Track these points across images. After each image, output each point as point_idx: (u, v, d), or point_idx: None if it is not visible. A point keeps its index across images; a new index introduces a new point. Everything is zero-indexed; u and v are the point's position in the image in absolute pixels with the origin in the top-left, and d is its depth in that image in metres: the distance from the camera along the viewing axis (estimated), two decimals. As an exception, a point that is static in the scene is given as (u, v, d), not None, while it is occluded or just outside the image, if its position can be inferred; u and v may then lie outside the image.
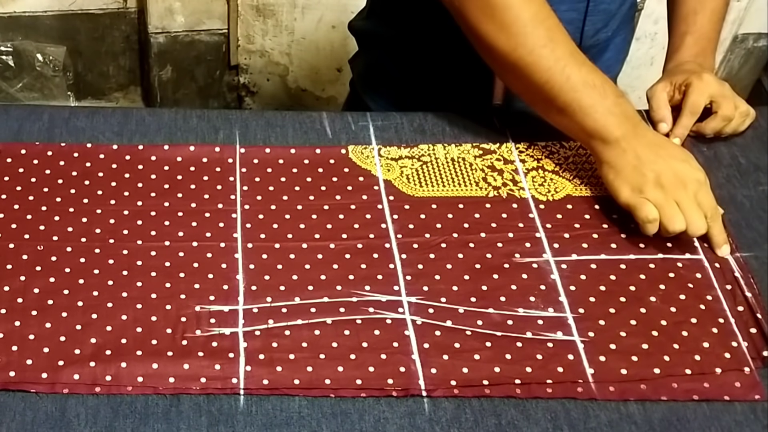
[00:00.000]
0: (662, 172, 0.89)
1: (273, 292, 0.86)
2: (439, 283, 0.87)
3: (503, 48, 0.92)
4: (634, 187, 0.90)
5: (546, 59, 0.91)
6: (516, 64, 0.92)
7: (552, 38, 0.91)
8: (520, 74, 0.93)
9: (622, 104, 0.92)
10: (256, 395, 0.78)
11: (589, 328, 0.84)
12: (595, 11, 1.06)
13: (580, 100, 0.91)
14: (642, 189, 0.89)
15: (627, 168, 0.90)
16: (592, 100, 0.91)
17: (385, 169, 0.98)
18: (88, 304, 0.84)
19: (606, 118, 0.91)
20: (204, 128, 1.01)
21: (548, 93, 0.92)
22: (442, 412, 0.78)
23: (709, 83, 1.01)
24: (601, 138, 0.92)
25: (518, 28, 0.91)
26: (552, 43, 0.91)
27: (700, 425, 0.78)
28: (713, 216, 0.90)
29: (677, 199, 0.88)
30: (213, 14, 2.02)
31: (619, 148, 0.91)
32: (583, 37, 1.08)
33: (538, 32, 0.91)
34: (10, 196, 0.93)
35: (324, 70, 2.13)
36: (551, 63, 0.91)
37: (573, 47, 0.92)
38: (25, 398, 0.77)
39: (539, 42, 0.91)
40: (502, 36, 0.92)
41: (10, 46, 2.07)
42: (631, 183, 0.90)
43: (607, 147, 0.91)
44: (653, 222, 0.88)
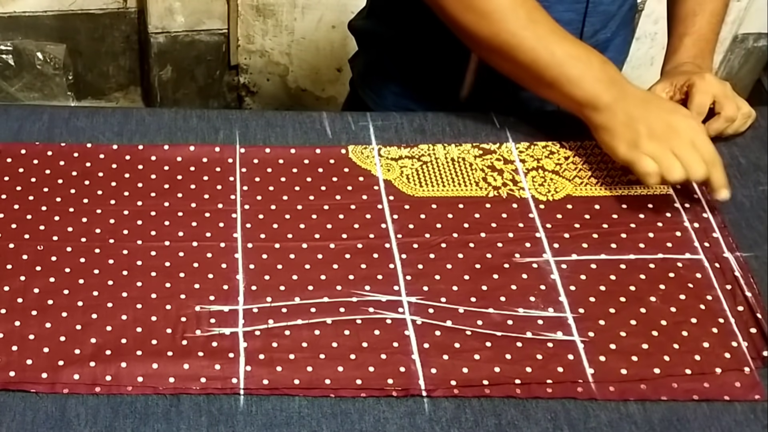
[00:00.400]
0: (654, 125, 0.91)
1: (273, 292, 0.86)
2: (439, 283, 0.87)
3: (486, 35, 0.95)
4: (629, 143, 0.92)
5: (529, 40, 0.93)
6: (501, 48, 0.95)
7: (532, 19, 0.94)
8: (506, 57, 0.96)
9: (607, 70, 0.95)
10: (256, 395, 0.78)
11: (589, 328, 0.84)
12: (594, 12, 1.07)
13: (567, 73, 0.94)
14: (637, 144, 0.91)
15: (620, 127, 0.93)
16: (579, 71, 0.94)
17: (385, 169, 0.98)
18: (88, 304, 0.84)
19: (594, 85, 0.94)
20: (204, 128, 1.01)
21: (535, 70, 0.95)
22: (442, 412, 0.78)
23: (711, 83, 1.01)
24: (592, 105, 0.94)
25: (498, 14, 0.94)
26: (533, 24, 0.94)
27: (700, 425, 0.78)
28: (712, 160, 0.91)
29: (673, 148, 0.90)
30: (213, 14, 2.03)
31: (609, 112, 0.93)
32: (582, 38, 1.08)
33: (518, 15, 0.94)
34: (10, 196, 0.93)
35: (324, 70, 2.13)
36: (534, 42, 0.93)
37: (554, 24, 0.95)
38: (25, 398, 0.77)
39: (521, 24, 0.93)
40: (483, 24, 0.95)
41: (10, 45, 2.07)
42: (626, 140, 0.92)
43: (599, 112, 0.94)
44: (652, 174, 0.90)
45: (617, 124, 0.93)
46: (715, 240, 0.92)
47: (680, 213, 0.95)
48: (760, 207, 0.97)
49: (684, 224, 0.94)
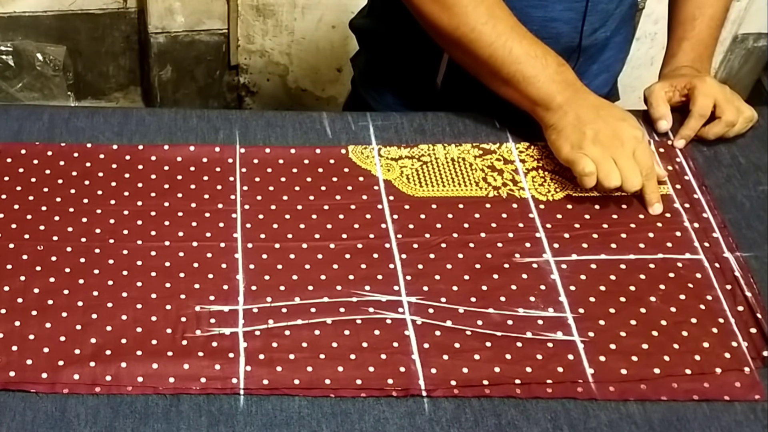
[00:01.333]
0: (600, 130, 0.93)
1: (273, 292, 0.86)
2: (439, 283, 0.87)
3: (446, 27, 0.97)
4: (573, 144, 0.93)
5: (488, 35, 0.95)
6: (460, 41, 0.97)
7: (492, 14, 0.96)
8: (465, 50, 0.98)
9: (563, 72, 0.96)
10: (256, 395, 0.78)
11: (589, 328, 0.84)
12: (594, 11, 1.06)
13: (523, 71, 0.95)
14: (581, 145, 0.93)
15: (568, 128, 0.94)
16: (535, 70, 0.95)
17: (385, 169, 0.98)
18: (88, 304, 0.84)
19: (548, 86, 0.95)
20: (204, 128, 1.01)
21: (492, 66, 0.96)
22: (442, 412, 0.78)
23: (712, 87, 1.01)
24: (545, 105, 0.96)
25: (459, 7, 0.95)
26: (493, 20, 0.95)
27: (700, 425, 0.78)
28: (648, 174, 0.93)
29: (614, 156, 0.92)
30: (213, 14, 2.02)
31: (561, 111, 0.95)
32: (582, 36, 1.08)
33: (478, 10, 0.95)
34: (10, 196, 0.93)
35: (324, 70, 2.13)
36: (493, 38, 0.95)
37: (514, 21, 0.97)
38: (25, 398, 0.77)
39: (480, 19, 0.95)
40: (444, 16, 0.96)
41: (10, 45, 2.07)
42: (571, 140, 0.94)
43: (550, 112, 0.96)
44: (590, 175, 0.92)
45: (566, 124, 0.94)
46: (715, 240, 0.92)
47: (680, 213, 0.95)
48: (760, 207, 0.97)
49: (684, 224, 0.94)
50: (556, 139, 0.95)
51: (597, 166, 0.92)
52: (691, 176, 0.99)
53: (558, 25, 1.05)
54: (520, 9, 1.00)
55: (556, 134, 0.95)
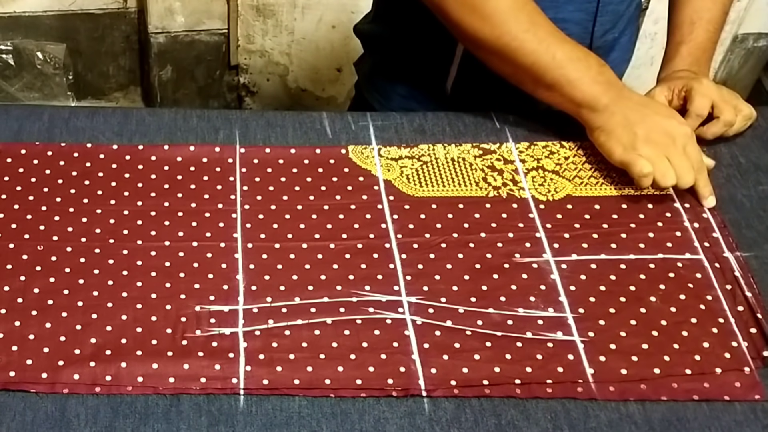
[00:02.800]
0: (651, 129, 0.93)
1: (273, 292, 0.86)
2: (439, 283, 0.87)
3: (488, 38, 0.96)
4: (626, 146, 0.93)
5: (530, 42, 0.95)
6: (502, 51, 0.96)
7: (533, 21, 0.95)
8: (507, 59, 0.97)
9: (605, 73, 0.96)
10: (256, 395, 0.78)
11: (589, 328, 0.84)
12: (605, 12, 1.06)
13: (567, 75, 0.95)
14: (634, 146, 0.93)
15: (617, 129, 0.94)
16: (579, 73, 0.95)
17: (385, 169, 0.98)
18: (88, 304, 0.84)
19: (592, 87, 0.95)
20: (204, 128, 1.01)
21: (536, 73, 0.96)
22: (442, 412, 0.78)
23: (709, 87, 1.01)
24: (590, 107, 0.95)
25: (500, 16, 0.95)
26: (534, 27, 0.95)
27: (700, 425, 0.78)
28: (699, 168, 0.94)
29: (667, 153, 0.93)
30: (213, 14, 2.02)
31: (607, 113, 0.95)
32: (593, 37, 1.08)
33: (519, 18, 0.95)
34: (10, 196, 0.93)
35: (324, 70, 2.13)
36: (535, 45, 0.95)
37: (553, 27, 0.96)
38: (25, 398, 0.77)
39: (522, 27, 0.95)
40: (486, 27, 0.96)
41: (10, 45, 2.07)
42: (623, 142, 0.94)
43: (597, 114, 0.95)
44: (648, 176, 0.92)
45: (614, 125, 0.94)
46: (715, 240, 0.92)
47: (680, 213, 0.95)
48: (760, 207, 0.97)
49: (684, 224, 0.94)
50: (606, 141, 0.95)
51: (652, 165, 0.92)
52: (691, 176, 0.99)
53: (569, 26, 1.04)
54: None
55: (605, 136, 0.95)
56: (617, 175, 0.98)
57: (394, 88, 1.18)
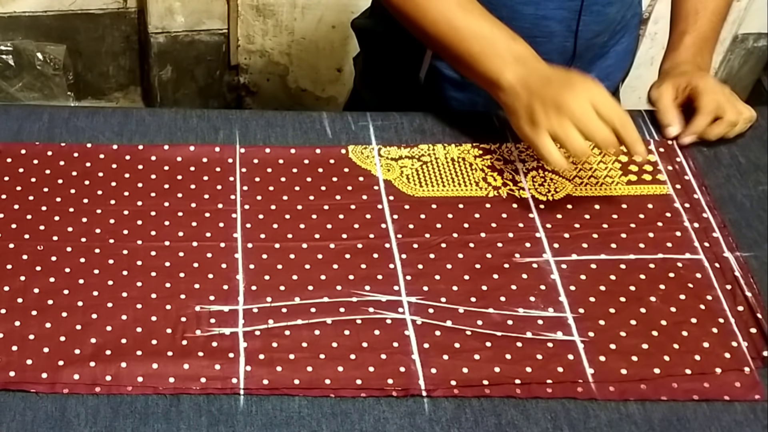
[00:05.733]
0: (549, 97, 0.89)
1: (273, 292, 0.86)
2: (439, 283, 0.87)
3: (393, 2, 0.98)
4: (531, 123, 0.90)
5: (432, 12, 0.94)
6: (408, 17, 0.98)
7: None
8: (416, 28, 0.98)
9: (514, 48, 0.93)
10: (256, 395, 0.78)
11: (589, 328, 0.84)
12: (589, 11, 1.06)
13: (469, 50, 0.93)
14: (535, 121, 0.89)
15: (521, 108, 0.91)
16: (480, 47, 0.93)
17: (385, 169, 0.98)
18: (88, 304, 0.84)
19: (494, 62, 0.93)
20: (204, 128, 1.01)
21: (444, 45, 0.96)
22: (442, 412, 0.78)
23: (714, 86, 1.01)
24: (495, 84, 0.93)
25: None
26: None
27: (700, 425, 0.78)
28: (620, 121, 0.87)
29: (573, 118, 0.87)
30: (213, 14, 2.02)
31: (513, 92, 0.92)
32: (578, 38, 1.07)
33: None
34: (10, 196, 0.93)
35: (324, 70, 2.13)
36: (437, 16, 0.94)
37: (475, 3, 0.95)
38: (25, 398, 0.77)
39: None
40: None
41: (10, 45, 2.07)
42: (528, 119, 0.90)
43: (503, 92, 0.93)
44: (552, 155, 0.89)
45: (520, 104, 0.91)
46: (715, 240, 0.92)
47: (680, 213, 0.95)
48: (760, 207, 0.97)
49: (684, 224, 0.94)
50: (516, 122, 0.92)
51: (556, 136, 0.88)
52: (691, 176, 0.99)
53: (551, 24, 1.04)
54: (511, 6, 1.00)
55: (515, 117, 0.92)
56: (617, 175, 0.98)
57: (390, 84, 1.18)
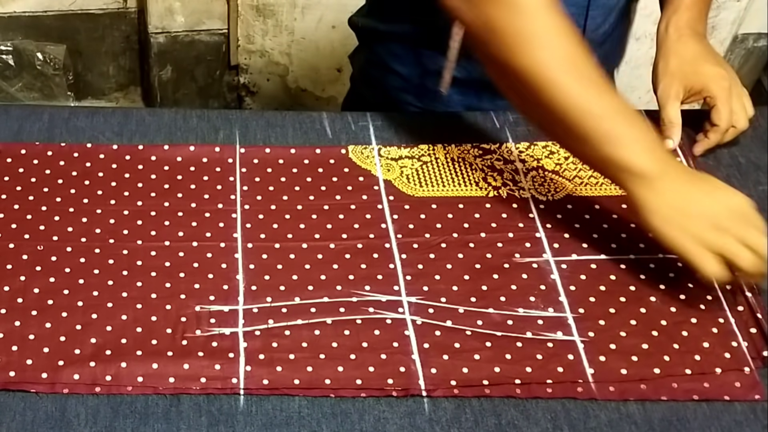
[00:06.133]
0: (717, 212, 0.81)
1: (273, 292, 0.86)
2: (439, 283, 0.87)
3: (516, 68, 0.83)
4: (693, 237, 0.80)
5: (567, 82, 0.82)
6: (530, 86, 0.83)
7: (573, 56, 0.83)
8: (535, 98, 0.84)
9: (653, 136, 0.84)
10: (256, 395, 0.78)
11: (589, 328, 0.84)
12: (596, 5, 1.06)
13: (610, 129, 0.81)
14: (701, 236, 0.80)
15: (663, 206, 0.81)
16: (624, 129, 0.82)
17: (385, 169, 0.98)
18: (88, 304, 0.84)
19: (641, 150, 0.82)
20: (204, 128, 1.01)
21: (570, 120, 0.82)
22: (442, 412, 0.78)
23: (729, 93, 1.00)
24: (637, 174, 0.82)
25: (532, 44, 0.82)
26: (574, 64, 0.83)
27: (700, 425, 0.78)
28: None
29: (742, 236, 0.80)
30: (213, 14, 2.02)
31: (657, 187, 0.81)
32: (585, 32, 1.07)
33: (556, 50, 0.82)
34: (10, 196, 0.93)
35: (324, 70, 2.13)
36: (573, 86, 0.82)
37: (597, 69, 0.84)
38: (25, 398, 0.77)
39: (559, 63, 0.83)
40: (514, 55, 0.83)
41: (10, 45, 2.07)
42: (687, 231, 0.81)
43: (644, 187, 0.82)
44: (717, 270, 0.81)
45: (661, 202, 0.81)
46: (715, 240, 0.92)
47: None
48: (760, 207, 0.96)
49: (684, 224, 0.93)
50: (648, 217, 0.82)
51: (731, 255, 0.80)
52: (691, 176, 0.99)
53: None
54: None
55: (659, 219, 0.81)
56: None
57: (388, 81, 1.17)
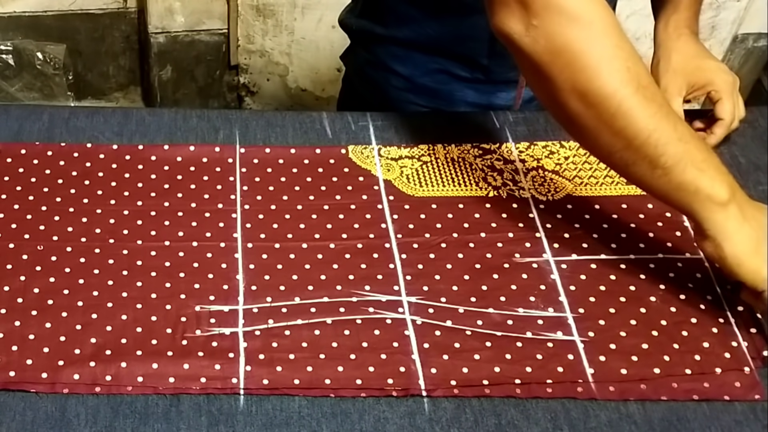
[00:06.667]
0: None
1: (273, 292, 0.86)
2: (439, 283, 0.87)
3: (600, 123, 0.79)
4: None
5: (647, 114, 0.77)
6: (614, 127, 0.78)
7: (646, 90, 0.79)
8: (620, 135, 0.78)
9: (718, 158, 0.80)
10: (256, 395, 0.78)
11: (589, 328, 0.84)
12: None
13: (693, 154, 0.77)
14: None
15: (750, 240, 0.78)
16: (705, 153, 0.78)
17: (385, 169, 0.98)
18: (88, 304, 0.84)
19: (716, 173, 0.78)
20: (204, 128, 1.01)
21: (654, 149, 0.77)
22: (442, 412, 0.78)
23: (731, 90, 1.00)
24: (713, 200, 0.78)
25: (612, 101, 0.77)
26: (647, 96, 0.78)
27: (700, 425, 0.78)
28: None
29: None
30: (213, 14, 2.03)
31: (732, 213, 0.78)
32: None
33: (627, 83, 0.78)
34: (10, 196, 0.93)
35: (324, 70, 2.13)
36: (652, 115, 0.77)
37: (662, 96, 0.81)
38: (25, 398, 0.77)
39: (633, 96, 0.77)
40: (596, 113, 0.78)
41: (10, 45, 2.07)
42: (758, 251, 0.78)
43: (719, 210, 0.78)
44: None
45: (743, 233, 0.78)
46: (715, 240, 0.92)
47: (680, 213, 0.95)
48: (760, 207, 0.97)
49: (684, 224, 0.93)
50: (740, 254, 0.78)
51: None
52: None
53: None
54: None
55: (740, 247, 0.78)
56: (617, 175, 0.98)
57: (388, 81, 1.17)
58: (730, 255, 0.79)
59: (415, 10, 1.07)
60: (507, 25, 0.80)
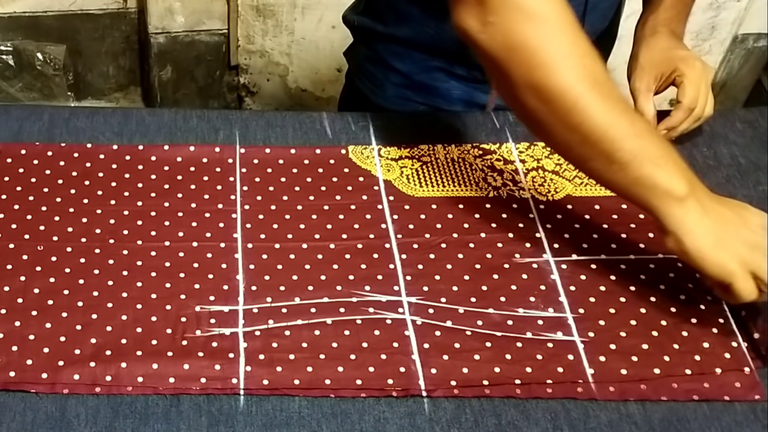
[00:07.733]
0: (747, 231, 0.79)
1: (273, 292, 0.86)
2: (439, 283, 0.87)
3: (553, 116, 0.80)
4: (733, 257, 0.78)
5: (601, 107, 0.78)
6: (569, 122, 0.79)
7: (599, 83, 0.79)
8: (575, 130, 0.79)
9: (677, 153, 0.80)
10: (256, 395, 0.78)
11: (589, 328, 0.84)
12: (595, 10, 1.06)
13: (649, 150, 0.78)
14: (741, 257, 0.78)
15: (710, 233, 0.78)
16: (662, 150, 0.78)
17: (385, 169, 0.98)
18: (88, 304, 0.84)
19: (674, 169, 0.78)
20: (204, 128, 1.01)
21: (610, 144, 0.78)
22: (442, 412, 0.78)
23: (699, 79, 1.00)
24: (671, 193, 0.78)
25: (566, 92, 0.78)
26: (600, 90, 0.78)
27: (700, 425, 0.78)
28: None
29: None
30: (213, 14, 2.02)
31: (690, 207, 0.78)
32: None
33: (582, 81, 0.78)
34: (10, 196, 0.93)
35: (324, 70, 2.13)
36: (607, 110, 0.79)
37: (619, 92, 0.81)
38: (25, 398, 0.77)
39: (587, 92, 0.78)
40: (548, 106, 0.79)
41: (10, 45, 2.07)
42: (728, 251, 0.78)
43: (677, 204, 0.78)
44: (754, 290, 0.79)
45: (702, 227, 0.78)
46: (715, 240, 0.92)
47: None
48: (760, 207, 0.96)
49: (684, 224, 0.93)
50: (701, 248, 0.78)
51: (759, 274, 0.78)
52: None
53: None
54: None
55: (699, 240, 0.78)
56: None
57: (387, 77, 1.17)
58: (692, 249, 0.78)
59: (415, 9, 1.07)
60: (465, 22, 0.81)
